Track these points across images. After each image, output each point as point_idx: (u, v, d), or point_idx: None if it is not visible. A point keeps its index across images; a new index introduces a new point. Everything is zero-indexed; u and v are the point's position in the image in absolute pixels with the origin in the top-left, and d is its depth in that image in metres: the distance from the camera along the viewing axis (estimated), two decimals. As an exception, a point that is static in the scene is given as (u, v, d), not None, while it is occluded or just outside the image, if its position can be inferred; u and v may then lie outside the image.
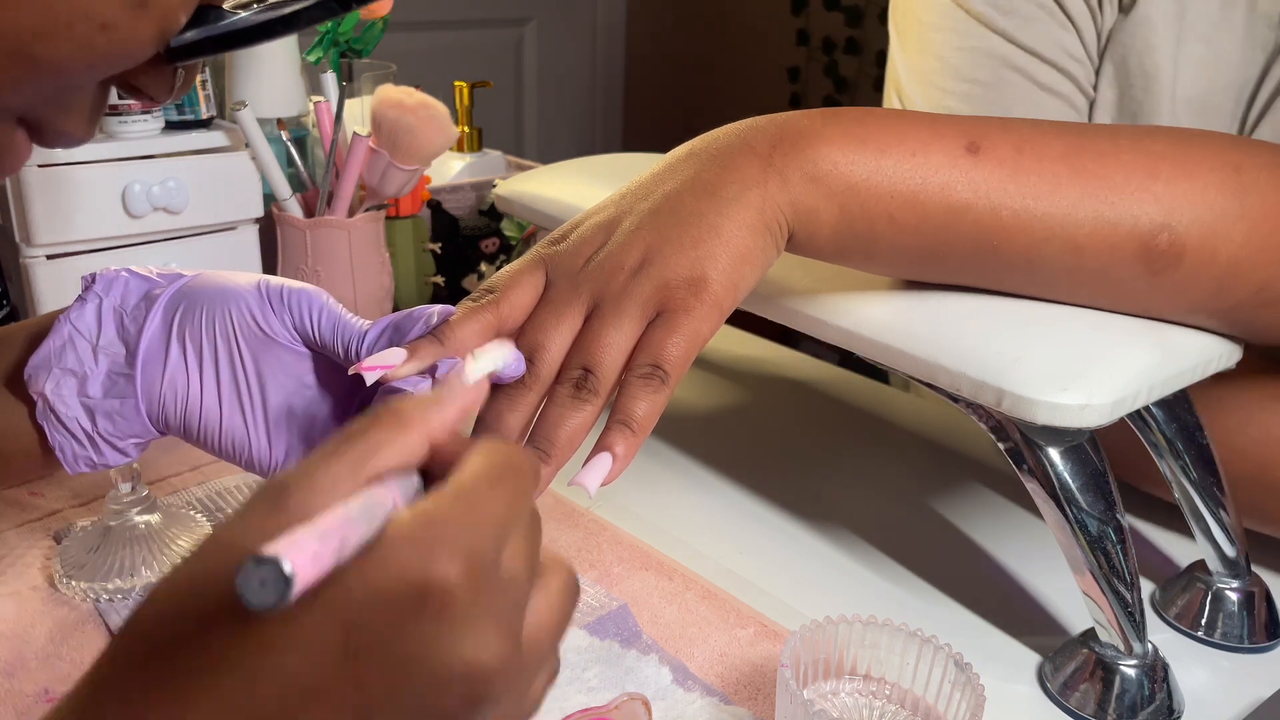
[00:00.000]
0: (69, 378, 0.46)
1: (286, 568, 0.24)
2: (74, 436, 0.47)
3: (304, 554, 0.24)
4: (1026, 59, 0.66)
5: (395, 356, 0.42)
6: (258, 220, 0.81)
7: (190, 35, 0.32)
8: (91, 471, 0.49)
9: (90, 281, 0.48)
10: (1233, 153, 0.46)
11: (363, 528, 0.26)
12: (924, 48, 0.71)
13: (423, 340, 0.43)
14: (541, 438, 0.41)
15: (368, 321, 0.46)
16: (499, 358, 0.41)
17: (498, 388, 0.42)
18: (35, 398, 0.47)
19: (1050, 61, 0.66)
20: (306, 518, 0.26)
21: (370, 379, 0.42)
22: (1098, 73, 0.68)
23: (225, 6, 0.33)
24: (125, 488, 0.56)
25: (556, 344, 0.42)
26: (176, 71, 0.34)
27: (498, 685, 0.27)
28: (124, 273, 0.48)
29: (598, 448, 0.40)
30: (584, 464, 0.39)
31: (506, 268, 0.45)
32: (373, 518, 0.27)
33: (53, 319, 0.48)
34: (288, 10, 0.34)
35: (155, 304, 0.47)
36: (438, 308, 0.45)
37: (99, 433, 0.47)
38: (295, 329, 0.47)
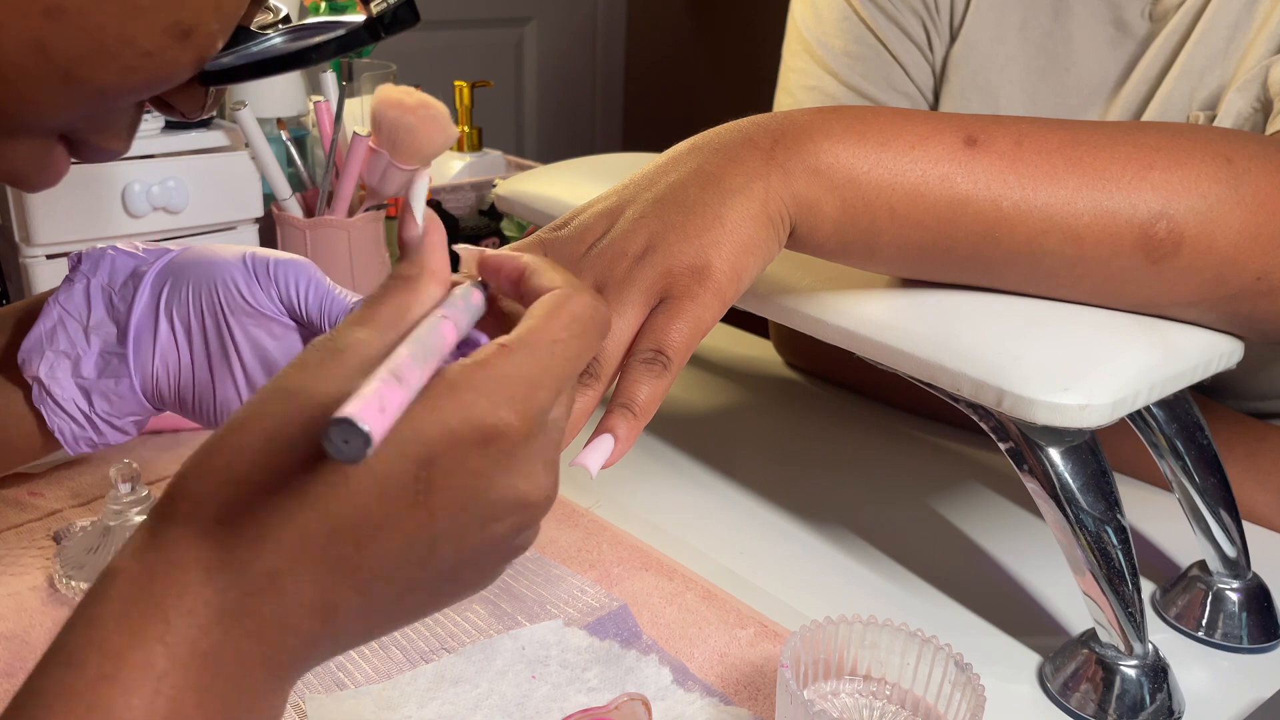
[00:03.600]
0: (62, 360, 0.46)
1: (365, 427, 0.26)
2: (72, 419, 0.47)
3: (374, 407, 0.26)
4: (852, 96, 0.76)
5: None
6: (258, 220, 0.81)
7: (226, 61, 0.34)
8: (93, 451, 0.49)
9: (77, 261, 0.48)
10: (1222, 144, 0.47)
11: (424, 367, 0.29)
12: (784, 84, 0.80)
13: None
14: None
15: (357, 296, 0.46)
16: (423, 184, 0.39)
17: None
18: (30, 382, 0.47)
19: (870, 98, 0.76)
20: (364, 363, 0.29)
21: None
22: (938, 95, 0.76)
23: (251, 27, 0.34)
24: (125, 488, 0.56)
25: None
26: (208, 90, 0.35)
27: (542, 513, 0.32)
28: (110, 250, 0.48)
29: (599, 429, 0.40)
30: (585, 445, 0.39)
31: (506, 247, 0.45)
32: (429, 355, 0.30)
33: (41, 301, 0.48)
34: (320, 39, 0.35)
35: (143, 281, 0.47)
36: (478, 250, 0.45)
37: (96, 413, 0.47)
38: (281, 301, 0.47)
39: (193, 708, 0.27)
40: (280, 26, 0.35)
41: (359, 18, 0.35)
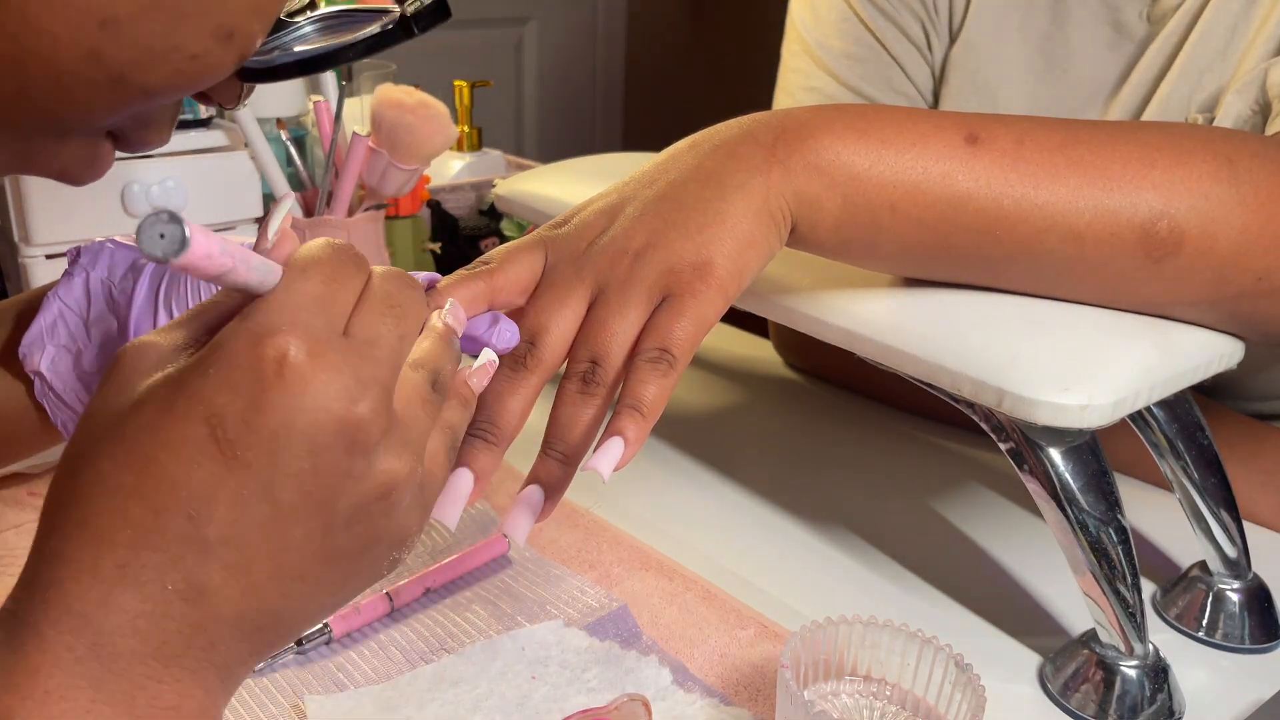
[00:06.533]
0: (64, 354, 0.47)
1: (187, 230, 0.26)
2: (75, 412, 0.47)
3: (202, 237, 0.27)
4: (852, 96, 0.76)
5: None
6: (257, 220, 0.81)
7: (263, 60, 0.35)
8: None
9: (75, 255, 0.48)
10: (1224, 144, 0.47)
11: (253, 275, 0.30)
12: (783, 85, 0.81)
13: None
14: (557, 439, 0.41)
15: None
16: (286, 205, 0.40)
17: (500, 369, 0.42)
18: (32, 376, 0.47)
19: (870, 99, 0.76)
20: (157, 364, 0.31)
21: None
22: (937, 96, 0.76)
23: (281, 15, 0.35)
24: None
25: (560, 327, 0.42)
26: (244, 83, 0.37)
27: (375, 430, 0.31)
28: (109, 244, 0.48)
29: (608, 432, 0.39)
30: (595, 449, 0.39)
31: (505, 244, 0.45)
32: (259, 272, 0.30)
33: (40, 295, 0.48)
34: (354, 38, 0.36)
35: (142, 273, 0.47)
36: (426, 275, 0.44)
37: None
38: None
39: (88, 701, 0.29)
40: (309, 14, 0.36)
41: (386, 7, 0.36)
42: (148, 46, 0.30)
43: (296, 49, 0.36)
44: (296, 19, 0.36)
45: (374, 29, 0.36)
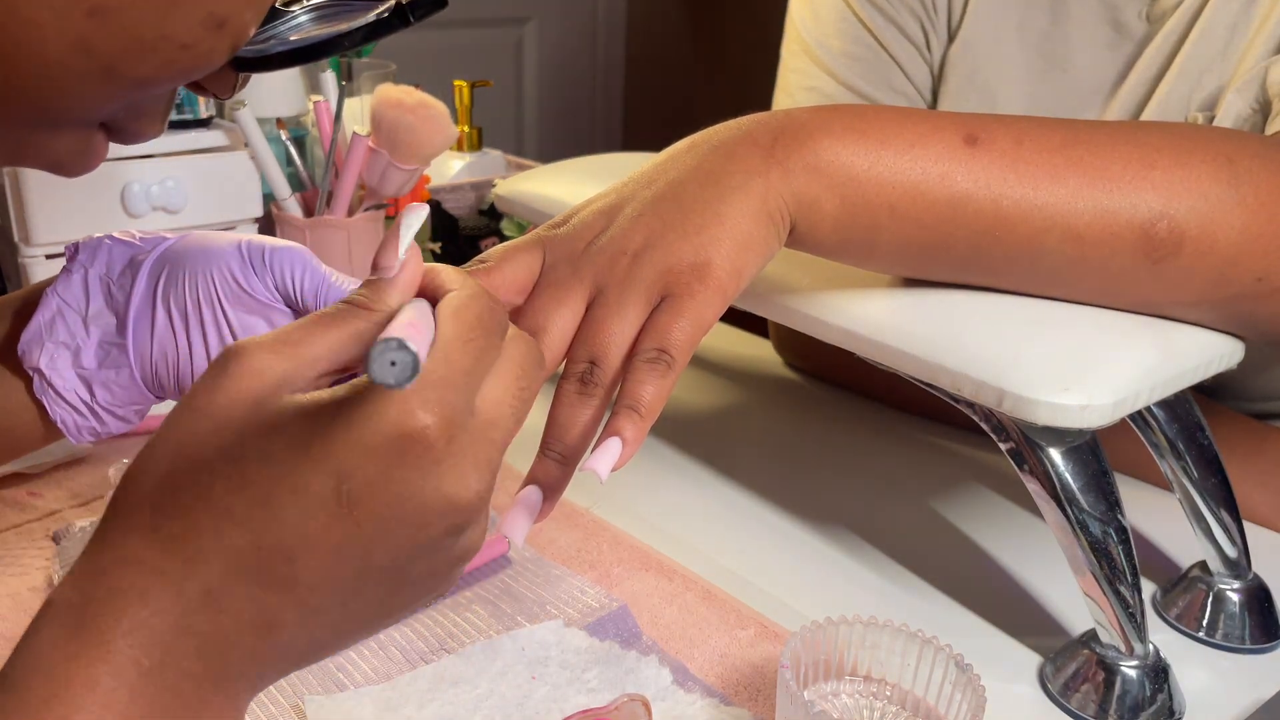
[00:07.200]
0: (62, 351, 0.47)
1: (413, 347, 0.26)
2: (74, 409, 0.47)
3: (409, 334, 0.27)
4: (851, 96, 0.76)
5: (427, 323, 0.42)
6: (257, 220, 0.81)
7: (257, 47, 0.34)
8: (96, 440, 0.49)
9: (74, 251, 0.48)
10: (1224, 144, 0.47)
11: (426, 329, 0.30)
12: (783, 84, 0.81)
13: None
14: (555, 439, 0.41)
15: (354, 281, 0.46)
16: (420, 217, 0.40)
17: None
18: (31, 373, 0.47)
19: (869, 98, 0.76)
20: (268, 386, 0.30)
21: None
22: (936, 95, 0.76)
23: (276, 4, 0.34)
24: (124, 488, 0.56)
25: (558, 326, 0.42)
26: (238, 73, 0.36)
27: (475, 514, 0.31)
28: (107, 239, 0.48)
29: (606, 433, 0.39)
30: (593, 449, 0.39)
31: (503, 244, 0.45)
32: (427, 322, 0.31)
33: (39, 291, 0.48)
34: (349, 26, 0.36)
35: (140, 269, 0.47)
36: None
37: (98, 403, 0.47)
38: (277, 289, 0.47)
39: (138, 716, 0.28)
40: (304, 3, 0.36)
41: None
42: (137, 36, 0.29)
43: (291, 38, 0.35)
44: (291, 8, 0.35)
45: (370, 18, 0.36)
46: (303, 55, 0.36)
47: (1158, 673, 0.48)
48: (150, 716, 0.28)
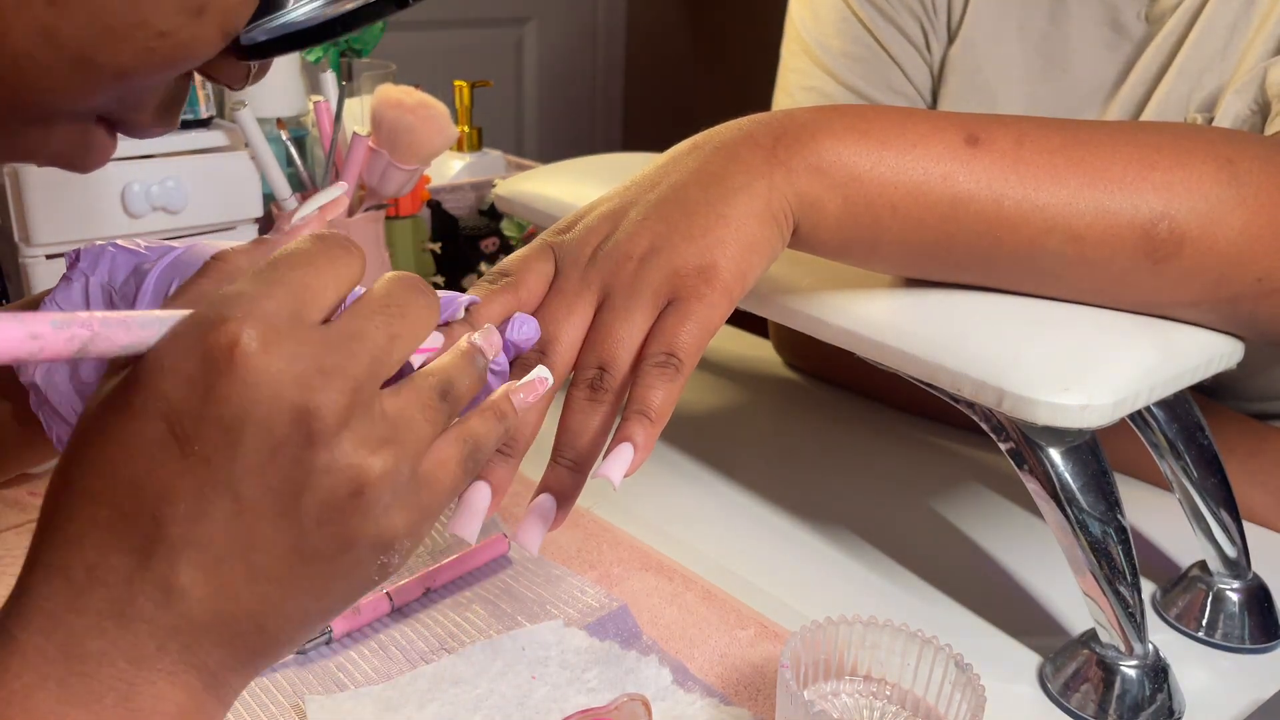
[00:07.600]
0: (59, 365, 0.45)
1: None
2: (72, 426, 0.46)
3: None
4: (851, 96, 0.76)
5: (435, 340, 0.41)
6: (257, 220, 0.81)
7: (259, 35, 0.34)
8: None
9: (75, 259, 0.47)
10: (1225, 145, 0.47)
11: (132, 335, 0.29)
12: (783, 85, 0.81)
13: (457, 324, 0.42)
14: (567, 446, 0.41)
15: (360, 287, 0.46)
16: (335, 194, 0.39)
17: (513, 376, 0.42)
18: (26, 388, 0.46)
19: (869, 99, 0.76)
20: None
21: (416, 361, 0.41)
22: (936, 96, 0.76)
23: None
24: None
25: (569, 335, 0.42)
26: (249, 62, 0.36)
27: (324, 418, 0.29)
28: (110, 247, 0.48)
29: (618, 438, 0.39)
30: (604, 455, 0.39)
31: (516, 253, 0.45)
32: (142, 329, 0.30)
33: (37, 301, 0.48)
34: (351, 6, 0.35)
35: (145, 280, 0.46)
36: (465, 297, 0.44)
37: None
38: None
39: (54, 701, 0.29)
40: None
41: None
42: (106, 25, 0.29)
43: (290, 19, 0.35)
44: None
45: (366, 1, 0.35)
46: (304, 38, 0.35)
47: (1157, 672, 0.49)
48: (69, 699, 0.29)
